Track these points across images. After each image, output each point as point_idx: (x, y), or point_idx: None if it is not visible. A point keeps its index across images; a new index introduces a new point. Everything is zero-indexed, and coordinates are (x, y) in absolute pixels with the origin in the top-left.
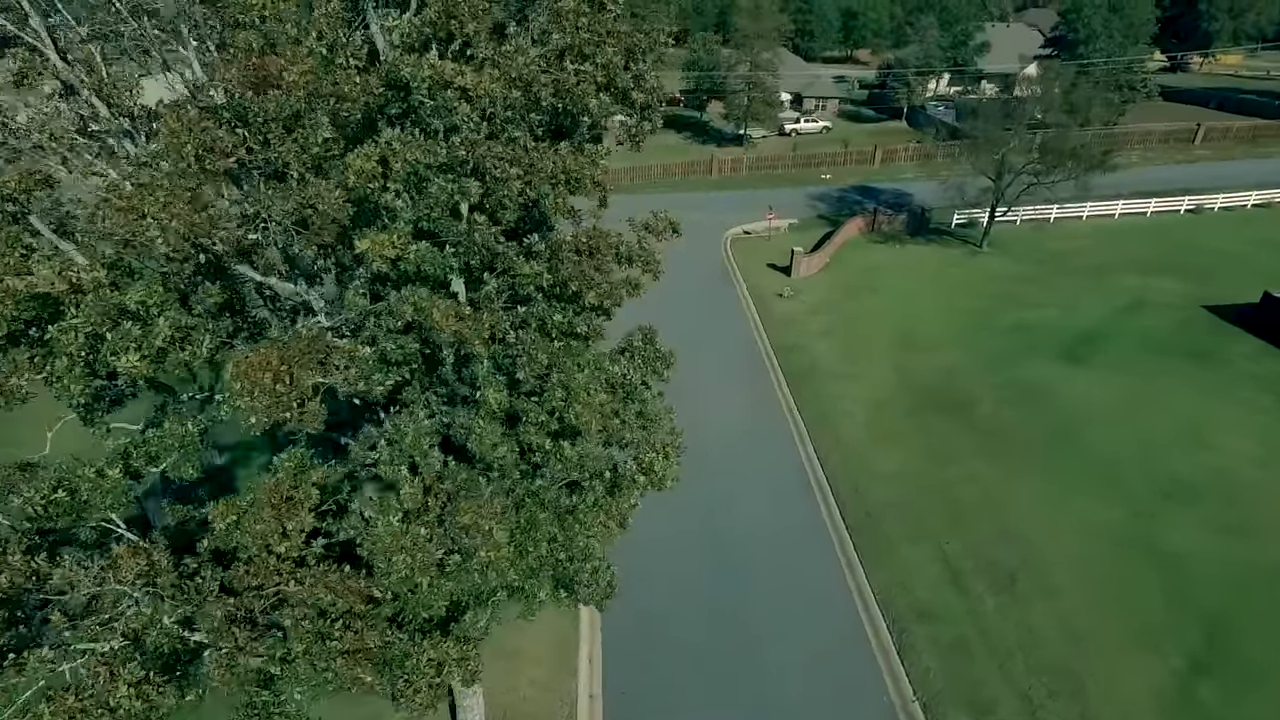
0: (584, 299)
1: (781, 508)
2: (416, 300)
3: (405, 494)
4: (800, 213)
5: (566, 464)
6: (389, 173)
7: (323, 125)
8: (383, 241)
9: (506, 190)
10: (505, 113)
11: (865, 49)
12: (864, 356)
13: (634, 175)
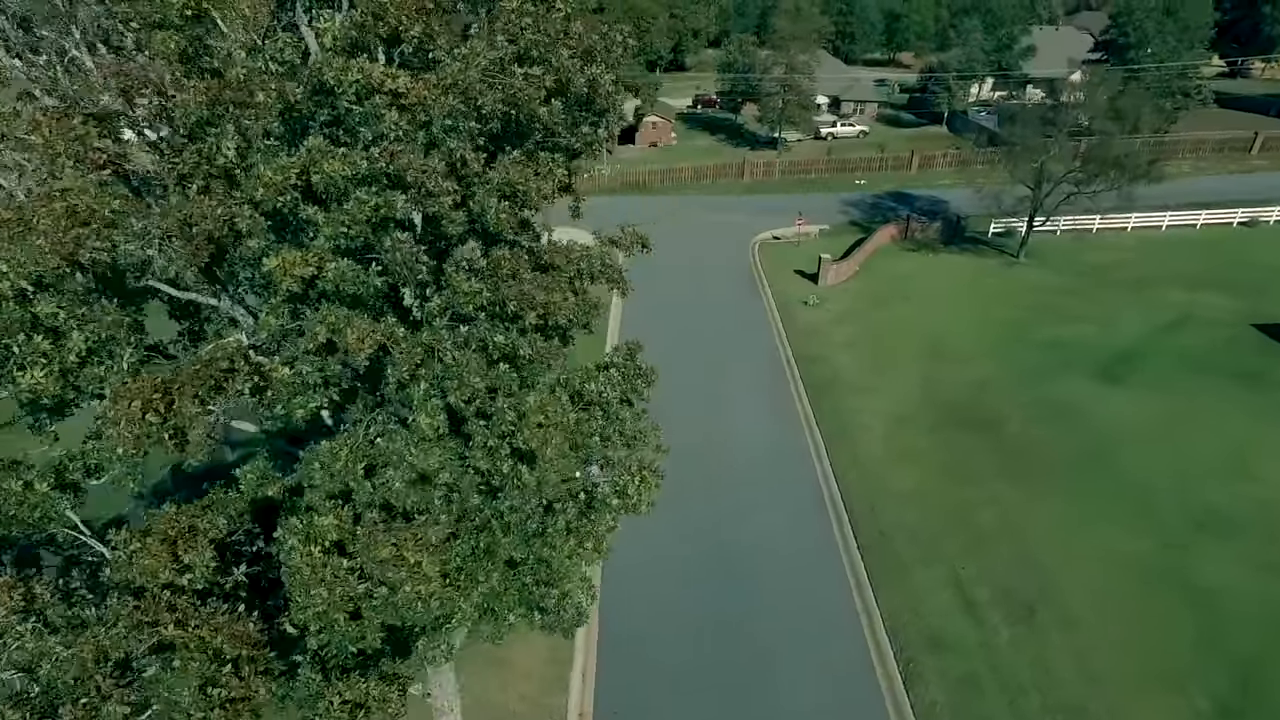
0: (525, 319)
1: (793, 523)
2: (331, 320)
3: (326, 523)
4: (832, 219)
5: (524, 488)
6: (310, 185)
7: (227, 134)
8: (294, 260)
9: (437, 205)
10: (445, 121)
11: (908, 52)
12: (889, 369)
13: (664, 178)
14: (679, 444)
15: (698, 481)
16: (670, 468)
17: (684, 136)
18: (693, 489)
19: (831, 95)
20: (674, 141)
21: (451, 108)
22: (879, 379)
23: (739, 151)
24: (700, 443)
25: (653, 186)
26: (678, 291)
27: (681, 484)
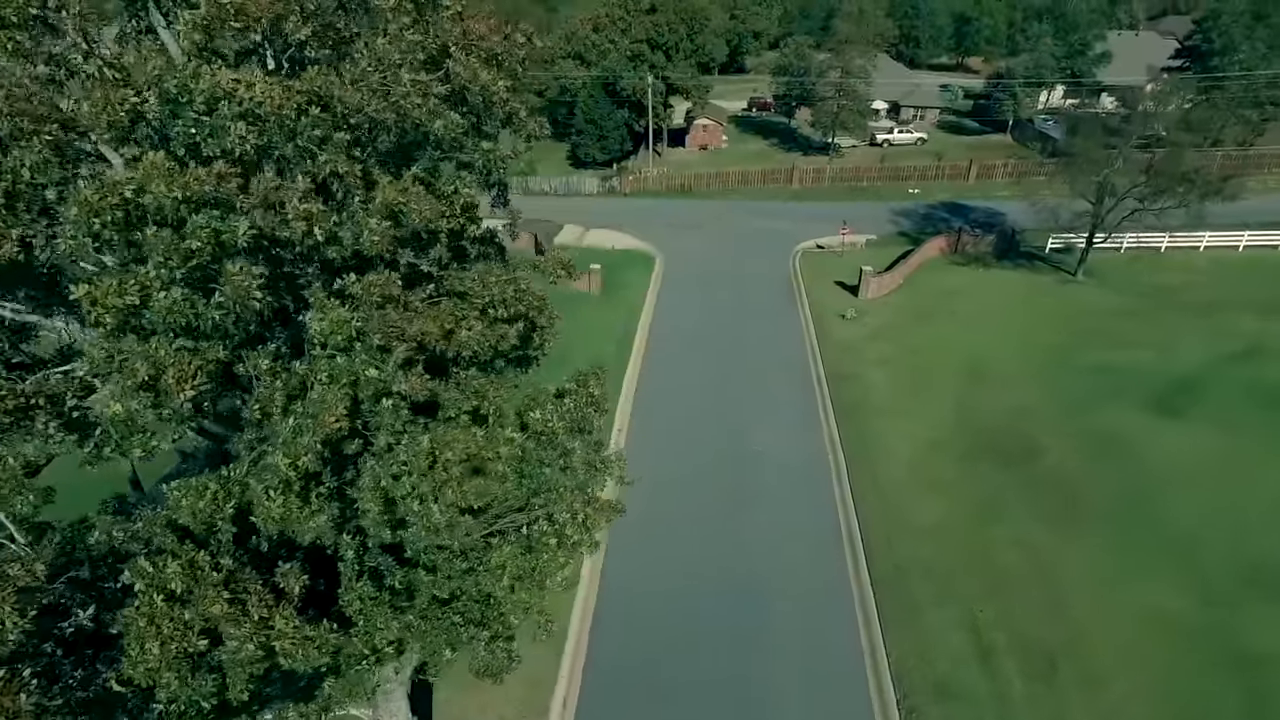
0: (394, 354)
1: (804, 551)
2: (154, 356)
3: (172, 569)
4: (880, 228)
5: (430, 529)
6: (141, 207)
7: (33, 149)
8: (107, 289)
9: (290, 231)
10: (313, 132)
11: (978, 56)
12: (923, 390)
13: (711, 181)
14: (692, 461)
15: (708, 502)
16: (680, 486)
17: (736, 140)
18: (702, 509)
19: (891, 100)
20: (725, 145)
21: (316, 119)
22: (911, 401)
23: (790, 157)
24: (713, 461)
25: (698, 190)
26: (711, 298)
27: (690, 504)
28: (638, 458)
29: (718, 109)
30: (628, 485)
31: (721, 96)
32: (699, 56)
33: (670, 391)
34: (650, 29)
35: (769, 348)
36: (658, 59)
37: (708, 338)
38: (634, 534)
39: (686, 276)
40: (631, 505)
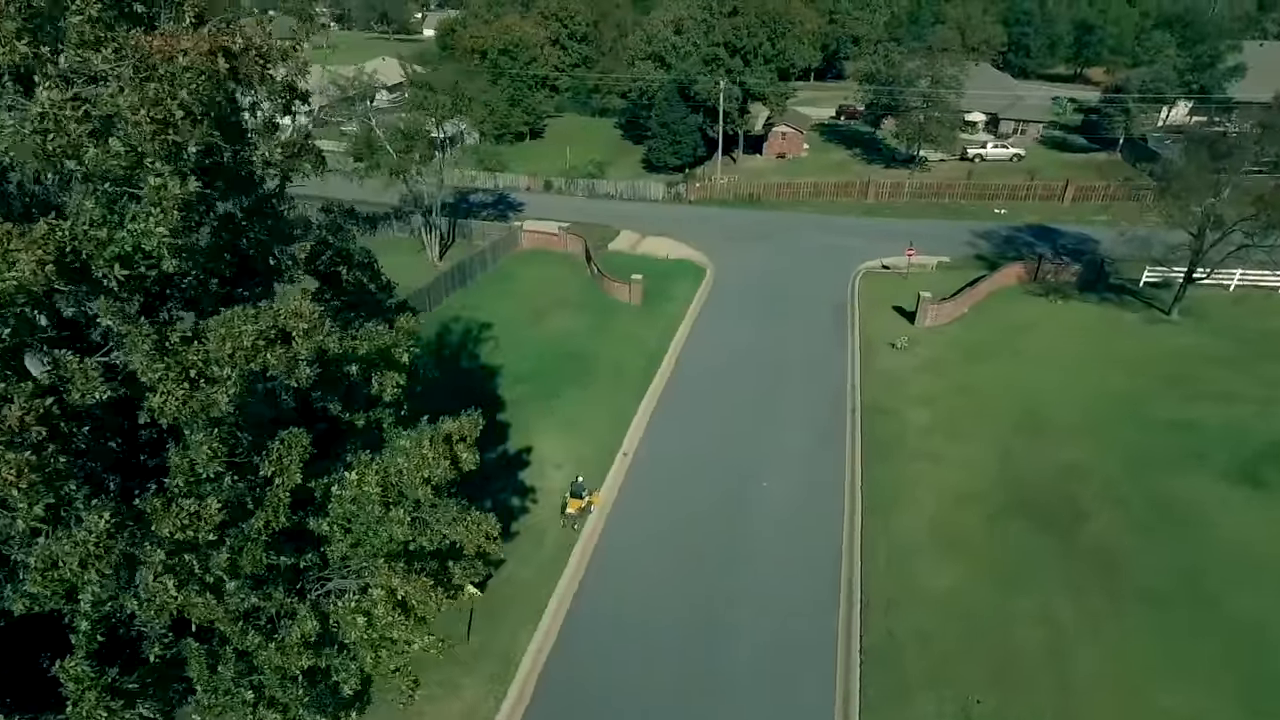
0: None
1: (795, 607)
2: None
3: None
4: (955, 250)
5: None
6: None
7: None
8: None
9: None
10: None
11: (1100, 67)
12: (965, 434)
13: (780, 191)
14: (693, 495)
15: (703, 546)
16: (675, 528)
17: (818, 149)
18: (695, 555)
19: (990, 112)
20: (805, 154)
21: None
22: (949, 445)
23: (871, 169)
24: (717, 497)
25: (766, 200)
26: (755, 317)
27: (683, 549)
28: (637, 489)
29: (800, 116)
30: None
31: (813, 103)
32: (780, 62)
33: (689, 414)
34: (729, 32)
35: (805, 374)
36: (735, 63)
37: (742, 359)
38: (607, 579)
39: (734, 292)
40: (617, 542)
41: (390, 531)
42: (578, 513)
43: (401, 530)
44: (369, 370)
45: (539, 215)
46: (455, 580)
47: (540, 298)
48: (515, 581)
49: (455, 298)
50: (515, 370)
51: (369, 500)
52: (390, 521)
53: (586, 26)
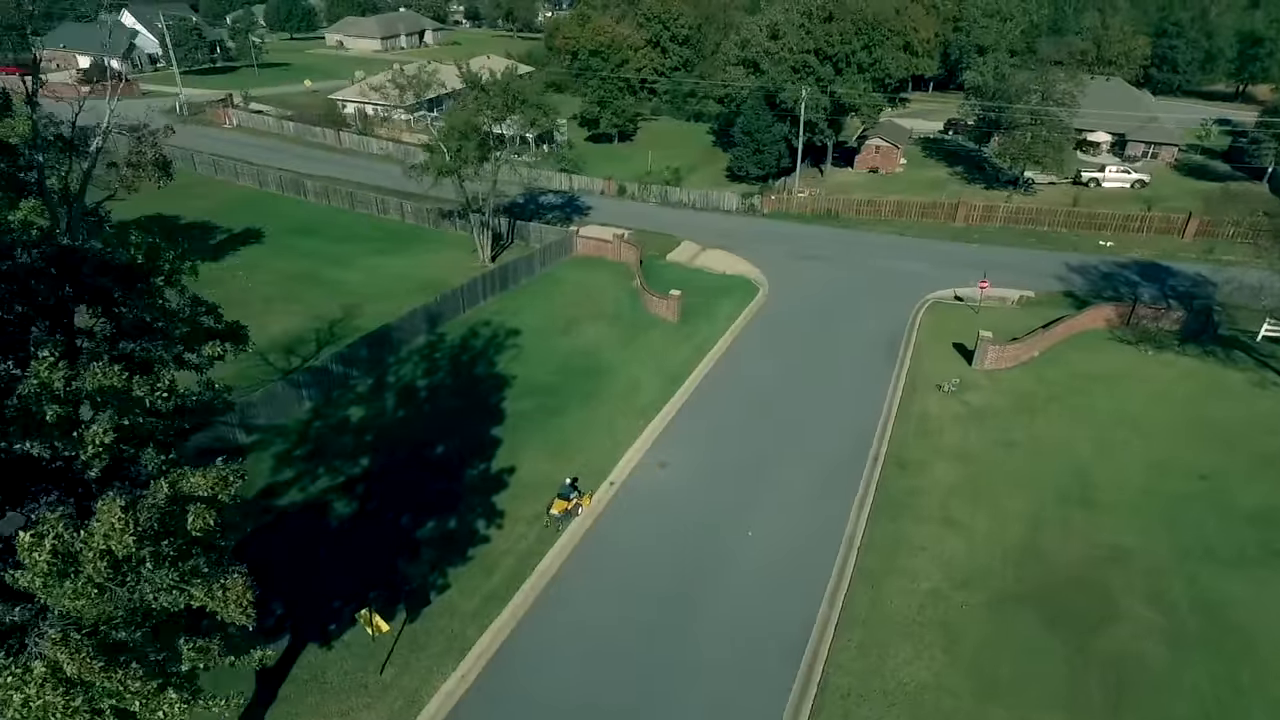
0: None
1: (743, 687)
2: None
3: None
4: (1043, 284)
5: None
6: None
7: None
8: None
9: None
10: None
11: (1268, 84)
12: (995, 499)
13: (861, 209)
14: (670, 542)
15: (663, 601)
16: (639, 578)
17: (917, 164)
18: (651, 612)
19: (1117, 133)
20: (900, 169)
21: None
22: (972, 511)
23: (970, 189)
24: (695, 551)
25: (845, 217)
26: (796, 344)
27: (641, 605)
28: (612, 526)
29: (897, 129)
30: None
31: (925, 115)
32: (875, 72)
33: (691, 446)
34: (821, 39)
35: (832, 412)
36: (825, 71)
37: (767, 389)
38: (547, 626)
39: (782, 315)
40: (572, 585)
41: (68, 605)
42: (562, 514)
43: (83, 603)
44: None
45: (604, 221)
46: (187, 658)
47: (577, 307)
48: (452, 613)
49: (493, 301)
50: (529, 382)
51: (38, 568)
52: (64, 596)
53: (689, 29)
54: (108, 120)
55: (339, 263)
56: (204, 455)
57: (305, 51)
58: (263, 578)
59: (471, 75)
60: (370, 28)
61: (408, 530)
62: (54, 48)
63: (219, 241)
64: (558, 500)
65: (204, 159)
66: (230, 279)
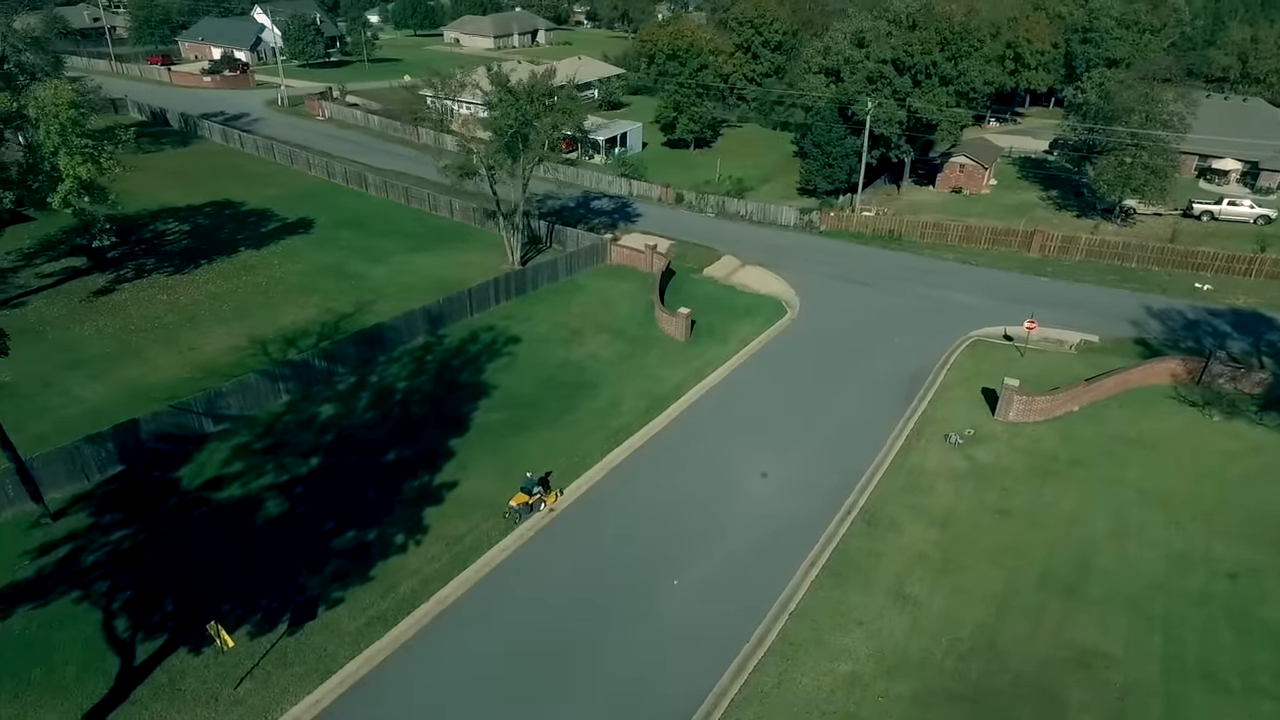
0: None
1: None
2: None
3: None
4: (1113, 328)
5: None
6: None
7: None
8: None
9: None
10: None
11: None
12: (966, 575)
13: (927, 232)
14: (576, 595)
15: (557, 655)
16: (544, 616)
17: (1009, 186)
18: (541, 661)
19: (1249, 160)
20: (986, 190)
21: None
22: (931, 586)
23: (1059, 216)
24: (611, 597)
25: (908, 239)
26: (805, 376)
27: (530, 652)
28: (530, 561)
29: (985, 147)
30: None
31: (1034, 133)
32: (960, 85)
33: (647, 479)
34: (900, 48)
35: (816, 457)
36: (902, 83)
37: (754, 424)
38: (428, 657)
39: (802, 342)
40: (468, 617)
41: None
42: (520, 507)
43: None
44: None
45: (651, 230)
46: None
47: (588, 318)
48: (333, 631)
49: (505, 305)
50: (509, 393)
51: None
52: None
53: (782, 35)
54: None
55: (372, 257)
56: (163, 440)
57: (423, 48)
58: (169, 571)
59: (499, 77)
60: (485, 26)
61: (325, 538)
62: (193, 41)
63: (269, 230)
64: (520, 493)
65: (283, 149)
66: (262, 266)
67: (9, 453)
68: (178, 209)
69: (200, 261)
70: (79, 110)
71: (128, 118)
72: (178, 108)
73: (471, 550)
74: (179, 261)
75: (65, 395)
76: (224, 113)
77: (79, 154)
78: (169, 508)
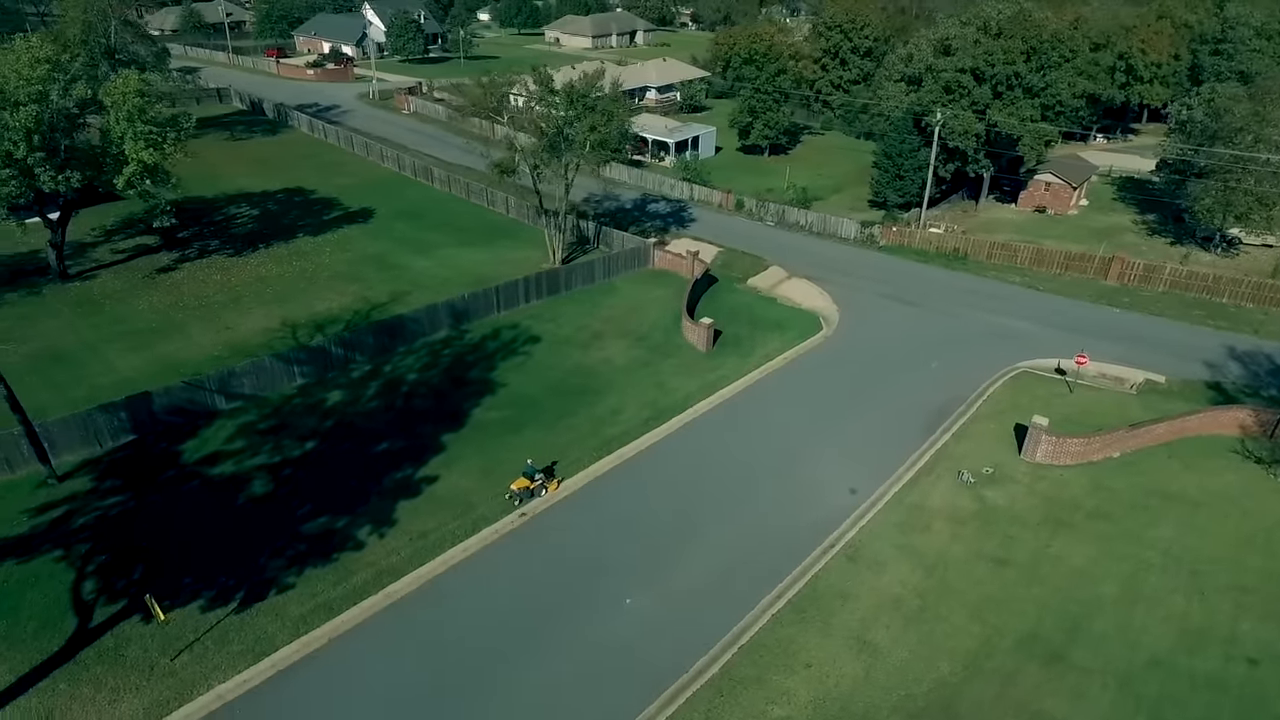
0: None
1: None
2: None
3: None
4: (1186, 369)
5: None
6: None
7: None
8: None
9: None
10: None
11: None
12: (939, 626)
13: (994, 252)
14: (517, 617)
15: (473, 671)
16: (447, 654)
17: (1101, 207)
18: (433, 694)
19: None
20: (1074, 211)
21: None
22: (899, 634)
23: (1152, 242)
24: (548, 618)
25: (975, 259)
26: (824, 398)
27: (447, 671)
28: (483, 566)
29: (1078, 165)
30: None
31: (1140, 151)
32: (1046, 97)
33: (624, 493)
34: (981, 57)
35: (809, 486)
36: (981, 94)
37: (756, 446)
38: (350, 660)
39: (830, 362)
40: (403, 620)
41: None
42: (520, 490)
43: None
44: None
45: (703, 235)
46: None
47: (613, 322)
48: (278, 614)
49: (534, 304)
50: (513, 394)
51: None
52: None
53: (873, 40)
54: None
55: (418, 249)
56: (174, 413)
57: (522, 46)
58: (146, 540)
59: (543, 77)
60: (584, 26)
61: (297, 522)
62: (306, 35)
63: (330, 218)
64: (520, 478)
65: (361, 141)
66: (314, 253)
67: (19, 416)
68: (252, 194)
69: (259, 245)
70: (144, 99)
71: (230, 106)
72: (276, 98)
73: (434, 547)
74: (240, 244)
75: (104, 364)
76: (317, 104)
77: (143, 139)
78: (165, 479)
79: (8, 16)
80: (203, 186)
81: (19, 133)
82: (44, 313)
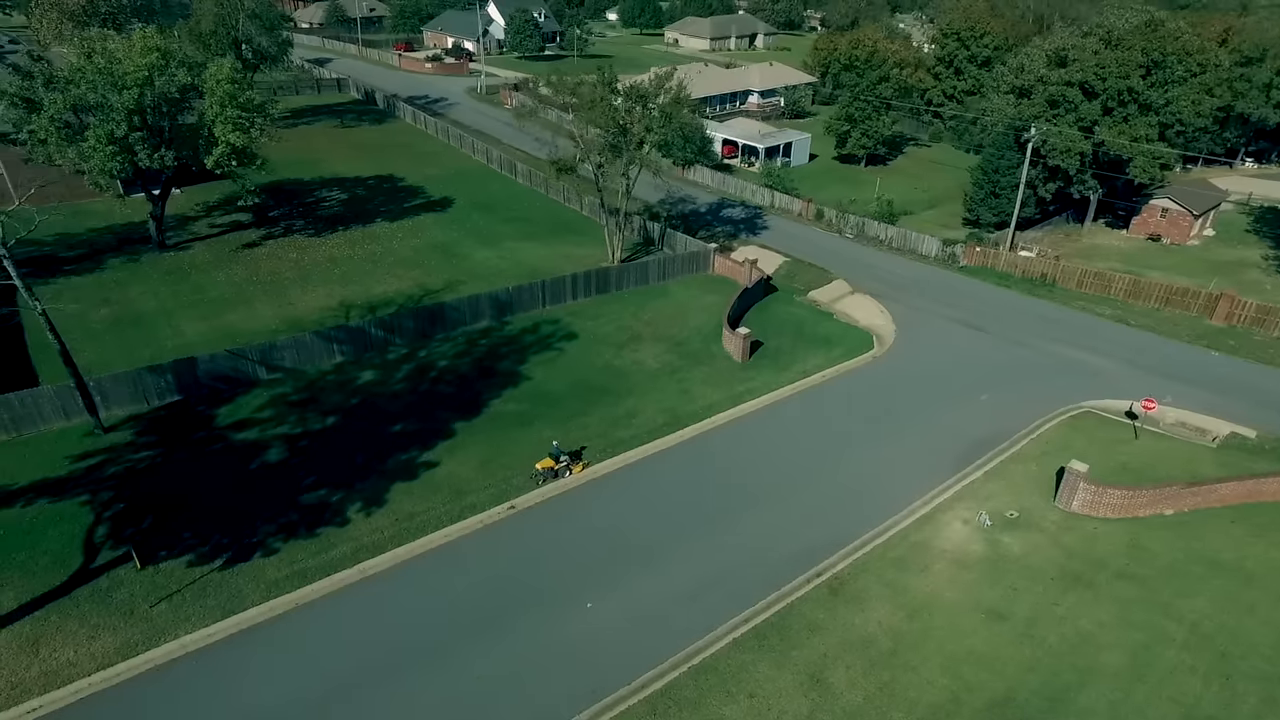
0: None
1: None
2: None
3: None
4: (1276, 422)
5: None
6: None
7: None
8: None
9: None
10: None
11: None
12: (899, 678)
13: (1086, 280)
14: (437, 629)
15: (387, 682)
16: (393, 635)
17: (1230, 238)
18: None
19: None
20: (1195, 241)
21: None
22: (859, 679)
23: (1276, 280)
24: (509, 617)
25: (1063, 286)
26: (854, 422)
27: (366, 666)
28: (451, 559)
29: (1202, 191)
30: None
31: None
32: (1166, 115)
33: (617, 497)
34: (1090, 70)
35: (814, 514)
36: (1089, 109)
37: (766, 465)
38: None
39: (872, 384)
40: (365, 607)
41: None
42: (544, 470)
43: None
44: None
45: (774, 244)
46: None
47: (655, 325)
48: (255, 576)
49: (581, 301)
50: (536, 388)
51: None
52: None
53: (991, 50)
54: None
55: (484, 240)
56: (219, 379)
57: (640, 46)
58: (161, 493)
59: (607, 79)
60: (703, 28)
61: (298, 492)
62: (433, 30)
63: (411, 205)
64: (546, 458)
65: (455, 133)
66: (386, 238)
67: (70, 370)
68: (345, 179)
69: (338, 227)
70: (235, 85)
71: (347, 96)
72: (390, 89)
73: (417, 529)
74: (321, 225)
75: (174, 329)
76: (428, 96)
77: (231, 123)
78: (195, 439)
79: (168, 9)
80: (302, 170)
81: (121, 113)
82: (137, 279)
